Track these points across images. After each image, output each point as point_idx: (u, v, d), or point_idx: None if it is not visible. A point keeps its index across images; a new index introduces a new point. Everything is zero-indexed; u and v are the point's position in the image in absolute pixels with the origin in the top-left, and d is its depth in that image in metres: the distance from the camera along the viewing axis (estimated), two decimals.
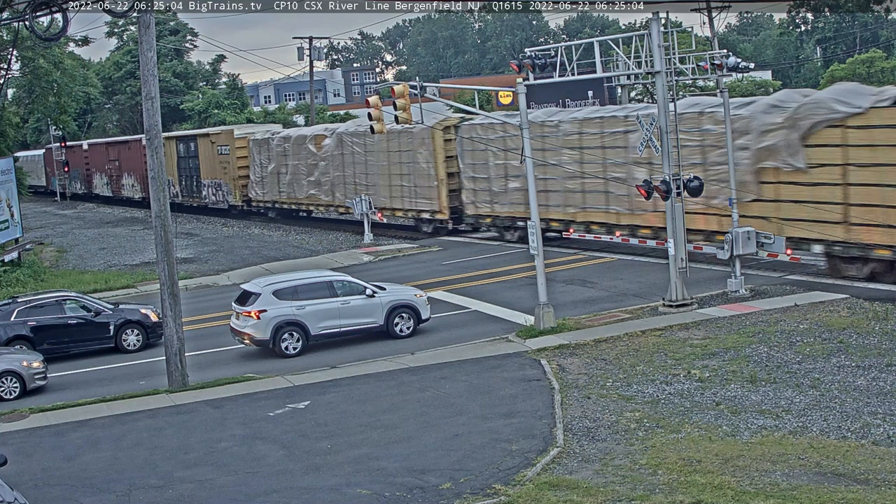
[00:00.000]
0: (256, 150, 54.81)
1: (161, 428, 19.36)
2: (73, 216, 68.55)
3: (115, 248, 48.71)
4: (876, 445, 15.33)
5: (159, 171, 22.26)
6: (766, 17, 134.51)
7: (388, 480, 15.35)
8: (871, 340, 20.95)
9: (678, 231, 25.52)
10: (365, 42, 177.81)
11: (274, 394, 21.01)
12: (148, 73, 22.12)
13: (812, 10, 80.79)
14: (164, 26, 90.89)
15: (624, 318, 24.92)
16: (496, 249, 38.12)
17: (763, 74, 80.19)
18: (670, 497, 13.74)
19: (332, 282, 25.60)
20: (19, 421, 20.53)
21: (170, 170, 61.99)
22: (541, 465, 15.44)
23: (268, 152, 53.65)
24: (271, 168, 53.37)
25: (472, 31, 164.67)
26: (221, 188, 57.94)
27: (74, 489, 16.24)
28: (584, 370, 20.76)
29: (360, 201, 43.43)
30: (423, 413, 18.82)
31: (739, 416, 17.08)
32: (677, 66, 25.93)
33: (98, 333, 26.86)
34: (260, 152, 54.40)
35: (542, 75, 27.14)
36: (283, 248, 44.42)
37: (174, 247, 22.83)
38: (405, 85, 25.11)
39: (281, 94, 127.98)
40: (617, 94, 45.02)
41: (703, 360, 20.67)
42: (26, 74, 50.71)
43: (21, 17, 23.81)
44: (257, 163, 54.87)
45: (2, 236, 39.78)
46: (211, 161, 58.57)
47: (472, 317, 27.45)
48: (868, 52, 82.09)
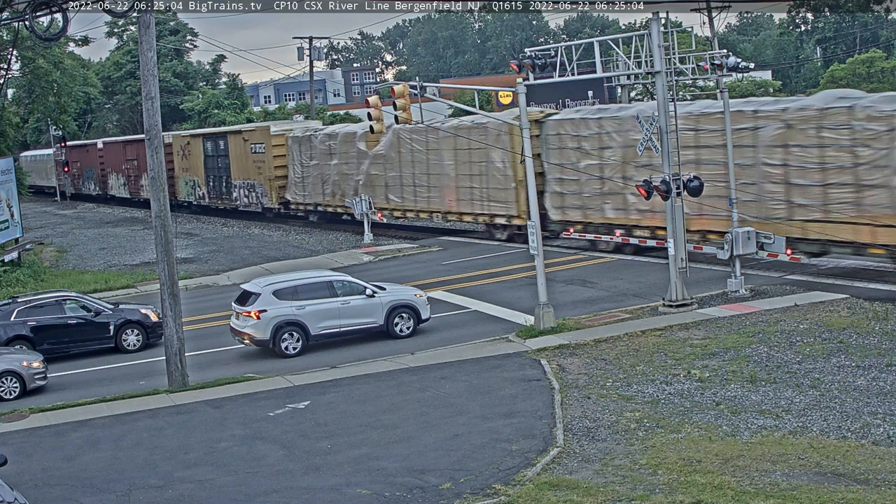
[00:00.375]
0: (296, 148, 50.46)
1: (161, 428, 19.36)
2: (73, 216, 68.54)
3: (115, 248, 48.70)
4: (876, 445, 15.33)
5: (159, 170, 22.27)
6: (766, 17, 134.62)
7: (388, 480, 15.35)
8: (871, 340, 20.95)
9: (678, 231, 25.52)
10: (365, 42, 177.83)
11: (274, 394, 21.01)
12: (148, 73, 22.12)
13: (812, 10, 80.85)
14: (164, 26, 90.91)
15: (624, 318, 24.92)
16: (496, 249, 38.10)
17: (763, 74, 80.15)
18: (670, 497, 13.74)
19: (332, 282, 25.60)
20: (19, 421, 20.53)
21: (195, 170, 60.21)
22: (541, 465, 15.44)
23: (310, 151, 49.48)
24: (314, 168, 49.22)
25: (472, 31, 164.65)
26: (255, 189, 53.94)
27: (74, 489, 16.24)
28: (584, 370, 20.76)
29: (360, 201, 43.41)
30: (423, 413, 18.82)
31: (739, 416, 17.08)
32: (677, 66, 25.94)
33: (98, 333, 26.85)
34: (301, 151, 50.19)
35: (542, 75, 27.16)
36: (283, 248, 44.41)
37: (174, 247, 22.84)
38: (405, 85, 25.13)
39: (281, 94, 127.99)
40: (617, 94, 45.04)
41: (703, 360, 20.67)
42: (26, 74, 50.71)
43: (21, 17, 23.81)
44: (297, 162, 50.57)
45: (2, 236, 39.78)
46: (243, 160, 54.54)
47: (472, 317, 27.45)
48: (868, 52, 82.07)
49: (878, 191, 25.63)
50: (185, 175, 61.99)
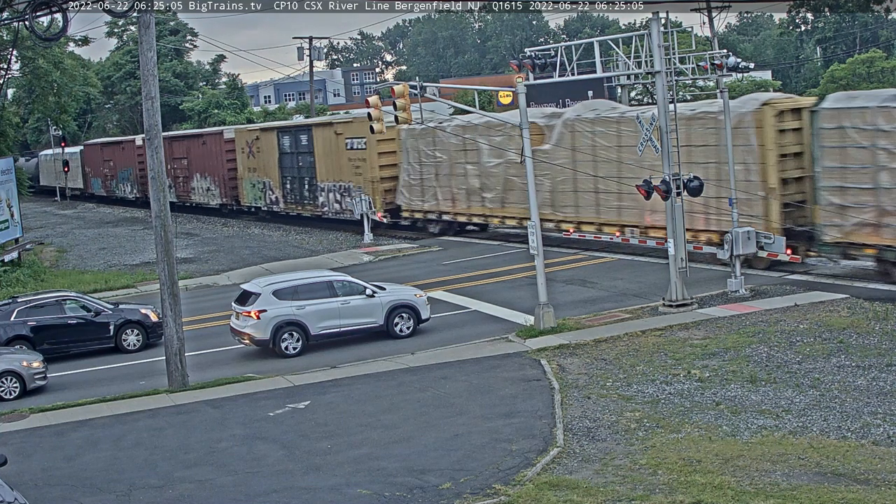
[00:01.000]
0: (412, 143, 42.26)
1: (161, 428, 19.36)
2: (73, 216, 68.51)
3: (115, 248, 48.70)
4: (876, 445, 15.33)
5: (159, 170, 22.29)
6: (766, 17, 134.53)
7: (388, 480, 15.35)
8: (871, 340, 20.96)
9: (678, 231, 25.52)
10: (365, 42, 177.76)
11: (274, 394, 21.01)
12: (148, 73, 22.12)
13: (812, 10, 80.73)
14: (164, 26, 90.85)
15: (624, 318, 24.92)
16: (496, 249, 38.11)
17: (763, 74, 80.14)
18: (670, 497, 13.74)
19: (332, 282, 25.60)
20: (19, 421, 20.53)
21: (267, 169, 52.03)
22: (541, 465, 15.44)
23: (433, 146, 41.16)
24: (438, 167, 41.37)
25: (472, 31, 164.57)
26: (350, 193, 45.26)
27: (74, 489, 16.24)
28: (584, 370, 20.76)
29: (360, 201, 43.40)
30: (423, 413, 18.82)
31: (739, 416, 17.08)
32: (677, 66, 25.94)
33: (98, 333, 26.85)
34: (418, 146, 42.05)
35: (542, 75, 27.16)
36: (283, 248, 44.40)
37: (174, 247, 22.84)
38: (405, 85, 25.12)
39: (281, 94, 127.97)
40: (617, 94, 45.03)
41: (703, 360, 20.67)
42: (26, 74, 50.72)
43: (21, 17, 23.81)
44: (414, 160, 42.67)
45: (2, 236, 39.77)
46: (334, 158, 46.18)
47: (472, 317, 27.44)
48: (868, 52, 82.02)
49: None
50: (252, 176, 53.77)
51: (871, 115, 25.95)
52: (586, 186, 34.09)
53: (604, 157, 32.75)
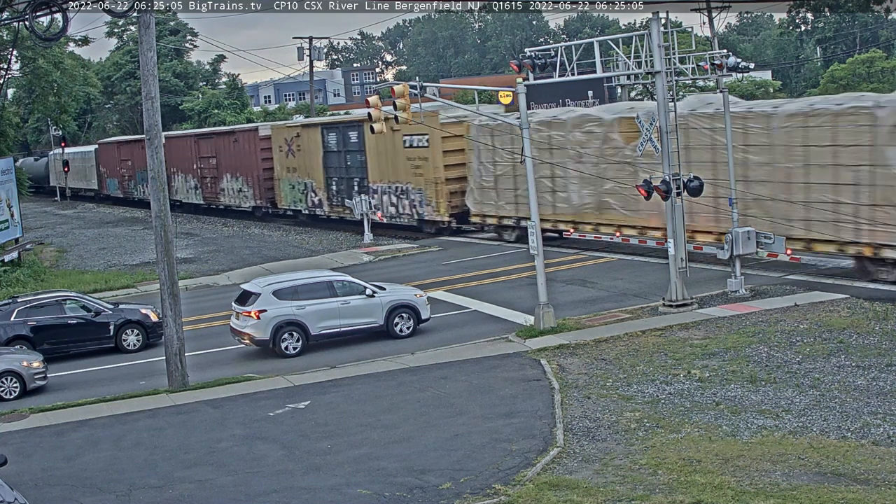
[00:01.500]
0: (484, 140, 38.06)
1: (161, 428, 19.36)
2: (73, 216, 68.52)
3: (115, 248, 48.70)
4: (876, 445, 15.33)
5: (159, 170, 22.27)
6: (766, 17, 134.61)
7: (388, 480, 15.35)
8: (871, 340, 20.96)
9: (678, 231, 25.52)
10: (365, 42, 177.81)
11: (274, 394, 21.01)
12: (148, 73, 22.12)
13: (812, 10, 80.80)
14: (164, 26, 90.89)
15: (624, 318, 24.92)
16: (496, 249, 38.10)
17: (763, 74, 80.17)
18: (670, 497, 13.74)
19: (332, 282, 25.60)
20: (19, 421, 20.53)
21: (309, 169, 48.77)
22: (541, 465, 15.44)
23: (510, 144, 36.53)
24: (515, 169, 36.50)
25: (472, 31, 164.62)
26: (408, 196, 42.40)
27: (74, 489, 16.24)
28: (584, 370, 20.76)
29: (360, 201, 43.39)
30: (423, 413, 18.82)
31: (739, 416, 17.08)
32: (677, 66, 25.93)
33: (98, 333, 26.85)
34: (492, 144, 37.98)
35: (542, 75, 27.15)
36: (282, 248, 44.40)
37: (174, 247, 22.84)
38: (405, 85, 25.10)
39: (281, 94, 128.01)
40: (617, 94, 45.01)
41: (703, 360, 20.67)
42: (26, 74, 50.75)
43: (21, 17, 23.81)
44: (485, 160, 38.72)
45: (2, 236, 39.78)
46: (389, 156, 43.12)
47: (472, 317, 27.45)
48: (868, 52, 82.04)
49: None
50: (291, 176, 50.44)
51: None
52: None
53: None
